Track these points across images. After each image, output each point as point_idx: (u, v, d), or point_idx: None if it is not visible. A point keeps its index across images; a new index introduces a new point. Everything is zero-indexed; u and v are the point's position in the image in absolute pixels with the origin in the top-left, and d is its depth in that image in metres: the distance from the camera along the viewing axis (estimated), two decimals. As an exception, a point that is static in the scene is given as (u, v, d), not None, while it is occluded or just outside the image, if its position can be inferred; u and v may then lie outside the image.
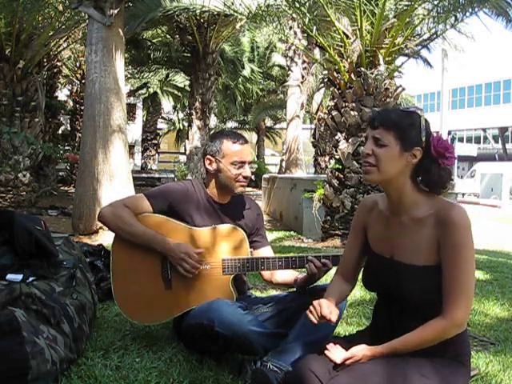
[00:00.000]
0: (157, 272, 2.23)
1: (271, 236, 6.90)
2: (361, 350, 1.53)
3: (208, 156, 2.33)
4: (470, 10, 6.00)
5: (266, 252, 2.42)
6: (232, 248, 2.25)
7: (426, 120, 1.58)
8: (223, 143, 2.29)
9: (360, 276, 1.82)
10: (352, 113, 5.96)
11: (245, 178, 2.30)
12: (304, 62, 13.83)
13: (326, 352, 1.57)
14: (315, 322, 1.61)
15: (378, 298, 1.76)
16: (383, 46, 5.94)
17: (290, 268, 2.23)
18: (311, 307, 1.62)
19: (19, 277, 2.00)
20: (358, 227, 1.78)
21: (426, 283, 1.55)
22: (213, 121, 23.73)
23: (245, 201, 2.46)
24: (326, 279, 3.76)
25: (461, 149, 31.50)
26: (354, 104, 6.00)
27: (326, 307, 1.59)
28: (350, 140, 6.01)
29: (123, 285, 2.26)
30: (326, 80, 6.76)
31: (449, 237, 1.51)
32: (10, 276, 1.99)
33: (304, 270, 2.19)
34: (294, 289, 2.35)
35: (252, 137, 29.25)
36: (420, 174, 1.60)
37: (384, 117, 1.58)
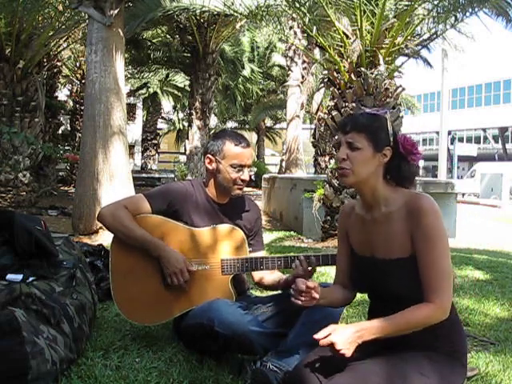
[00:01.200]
0: (156, 272, 2.22)
1: (271, 236, 6.89)
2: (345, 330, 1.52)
3: (208, 155, 2.32)
4: (470, 9, 5.99)
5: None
6: (231, 248, 2.26)
7: (391, 121, 1.67)
8: (225, 144, 2.28)
9: None
10: (352, 113, 5.96)
11: (242, 181, 2.30)
12: (304, 61, 13.82)
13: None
14: (299, 302, 1.64)
15: (370, 299, 1.78)
16: (383, 45, 5.93)
17: (290, 267, 2.22)
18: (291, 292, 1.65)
19: (19, 277, 2.00)
20: (341, 234, 1.82)
21: (404, 275, 1.58)
22: (213, 121, 23.72)
23: (245, 202, 2.46)
24: (326, 279, 3.77)
25: (461, 149, 31.46)
26: (354, 104, 5.99)
27: (300, 282, 1.62)
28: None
29: (122, 285, 2.25)
30: (326, 80, 6.75)
31: (420, 225, 1.55)
32: (9, 276, 1.99)
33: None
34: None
35: (252, 137, 29.22)
36: (391, 172, 1.66)
37: (355, 121, 1.65)
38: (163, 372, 2.06)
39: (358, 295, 3.38)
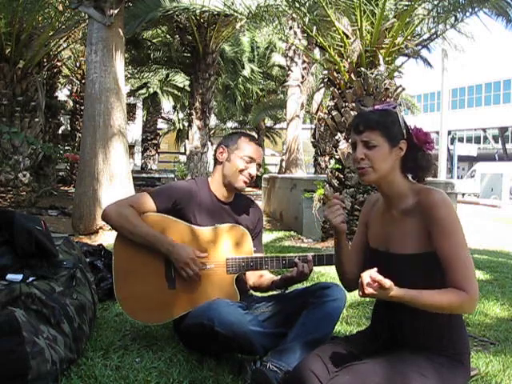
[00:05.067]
0: (160, 271, 2.22)
1: (271, 236, 6.89)
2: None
3: (222, 146, 2.40)
4: (470, 9, 6.00)
5: None
6: (236, 247, 2.26)
7: (401, 114, 1.70)
8: (241, 138, 2.38)
9: None
10: (352, 113, 5.96)
11: (250, 175, 2.33)
12: (304, 62, 13.80)
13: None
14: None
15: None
16: (383, 45, 5.93)
17: (294, 266, 2.23)
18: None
19: (19, 277, 1.99)
20: (361, 222, 1.85)
21: (418, 271, 1.57)
22: (213, 121, 23.69)
23: (248, 202, 2.49)
24: (326, 279, 3.77)
25: (461, 149, 31.45)
26: (353, 104, 5.99)
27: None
28: (350, 140, 6.00)
29: (126, 284, 2.25)
30: (326, 80, 6.76)
31: (435, 219, 1.55)
32: (9, 276, 1.99)
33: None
34: (290, 289, 2.35)
35: (252, 137, 29.12)
36: (408, 164, 1.67)
37: (366, 120, 1.66)
38: (163, 372, 2.06)
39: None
